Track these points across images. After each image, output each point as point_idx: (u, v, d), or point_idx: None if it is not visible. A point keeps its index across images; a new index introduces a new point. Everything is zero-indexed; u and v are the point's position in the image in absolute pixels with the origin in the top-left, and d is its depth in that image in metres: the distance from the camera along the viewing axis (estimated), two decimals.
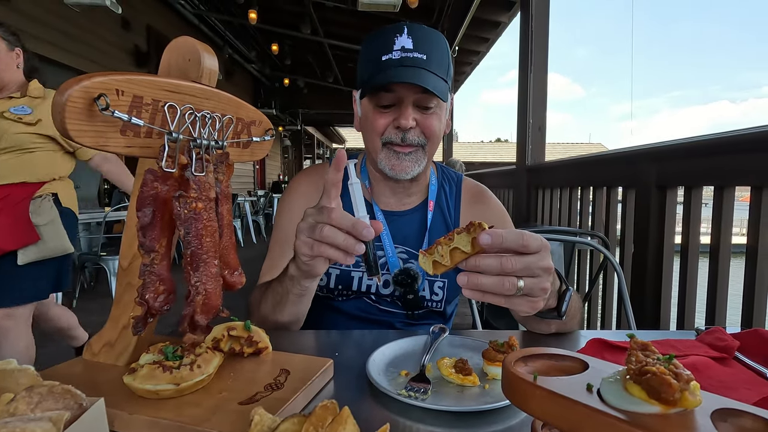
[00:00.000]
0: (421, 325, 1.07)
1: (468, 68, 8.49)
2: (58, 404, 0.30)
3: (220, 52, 9.39)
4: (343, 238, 0.65)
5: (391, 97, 0.92)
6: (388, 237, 1.04)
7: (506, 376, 0.42)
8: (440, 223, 1.09)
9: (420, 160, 0.98)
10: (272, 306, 0.86)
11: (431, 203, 1.09)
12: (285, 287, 0.81)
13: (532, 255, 0.58)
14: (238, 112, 0.67)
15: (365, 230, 0.65)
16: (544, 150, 3.44)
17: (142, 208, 0.53)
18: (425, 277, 1.03)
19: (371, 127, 0.97)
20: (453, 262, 0.58)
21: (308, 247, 0.67)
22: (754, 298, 1.41)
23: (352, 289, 1.03)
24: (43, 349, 3.01)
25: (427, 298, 1.04)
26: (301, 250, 0.69)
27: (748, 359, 0.71)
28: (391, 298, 1.04)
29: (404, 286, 1.00)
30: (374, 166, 1.05)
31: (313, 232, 0.66)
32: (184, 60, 0.59)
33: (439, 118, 0.96)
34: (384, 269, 1.03)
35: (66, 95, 0.44)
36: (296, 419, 0.32)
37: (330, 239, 0.65)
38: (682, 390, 0.33)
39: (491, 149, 29.48)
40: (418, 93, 0.91)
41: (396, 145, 0.95)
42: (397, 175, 0.98)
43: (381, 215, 1.06)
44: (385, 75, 0.88)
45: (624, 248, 2.08)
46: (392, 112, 0.95)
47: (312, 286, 0.81)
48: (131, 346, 0.63)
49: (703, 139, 1.62)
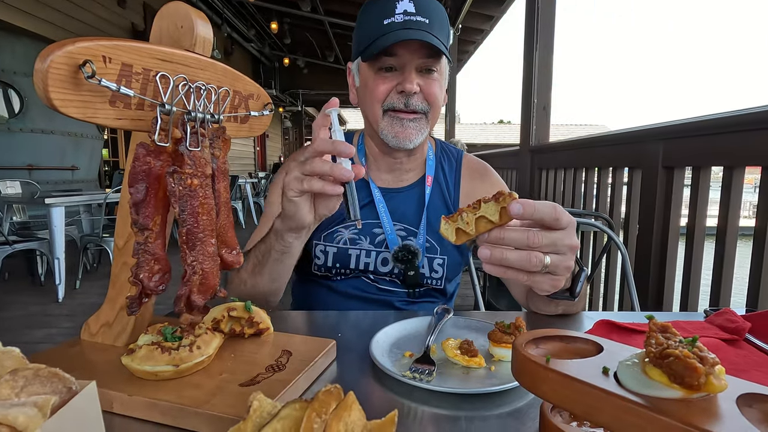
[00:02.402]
0: (421, 304, 1.06)
1: (471, 47, 8.29)
2: (45, 388, 0.29)
3: (218, 31, 9.20)
4: (329, 166, 0.66)
5: (394, 60, 0.92)
6: (386, 214, 1.02)
7: (517, 358, 0.40)
8: (439, 199, 1.07)
9: (423, 128, 0.97)
10: (252, 267, 0.86)
11: (429, 178, 1.08)
12: (269, 244, 0.82)
13: (559, 231, 0.56)
14: (234, 85, 0.64)
15: (344, 147, 0.66)
16: (548, 131, 3.38)
17: (134, 184, 0.51)
18: (425, 254, 1.02)
19: (371, 94, 0.95)
20: (477, 231, 0.55)
21: (298, 181, 0.68)
22: (760, 280, 1.39)
23: (350, 267, 1.02)
24: (35, 334, 3.05)
25: (426, 275, 1.03)
26: (291, 185, 0.69)
27: (759, 341, 0.69)
28: (390, 276, 1.03)
29: (404, 262, 0.99)
30: (374, 138, 1.03)
31: (303, 166, 0.68)
32: (177, 27, 0.55)
33: (440, 85, 0.96)
34: (383, 247, 1.02)
35: (48, 61, 0.41)
36: (298, 405, 0.30)
37: (318, 169, 0.66)
38: (707, 374, 0.31)
39: (494, 131, 29.11)
40: (422, 57, 0.91)
41: (399, 111, 0.94)
42: (400, 144, 0.96)
43: (378, 193, 1.04)
44: (389, 37, 0.87)
45: (628, 230, 2.06)
46: (394, 77, 0.93)
47: (295, 245, 0.80)
48: (129, 327, 0.62)
49: (712, 117, 1.58)
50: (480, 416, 0.50)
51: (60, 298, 3.64)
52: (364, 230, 1.02)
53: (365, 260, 1.02)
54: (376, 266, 1.02)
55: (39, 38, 5.11)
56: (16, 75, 5.10)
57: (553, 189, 3.06)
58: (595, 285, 2.39)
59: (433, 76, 0.94)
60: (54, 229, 3.58)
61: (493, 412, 0.52)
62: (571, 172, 2.79)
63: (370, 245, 1.02)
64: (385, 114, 0.95)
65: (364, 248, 1.02)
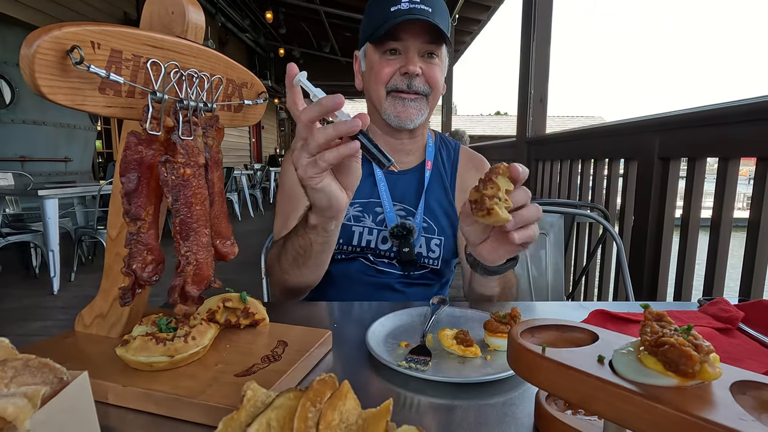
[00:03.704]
0: (418, 287, 1.09)
1: (468, 38, 8.22)
2: (35, 379, 0.28)
3: (212, 20, 9.07)
4: (330, 128, 0.60)
5: (399, 44, 0.99)
6: (386, 193, 1.07)
7: (513, 347, 0.40)
8: (437, 183, 1.13)
9: (423, 109, 1.04)
10: (292, 260, 0.85)
11: (429, 163, 1.13)
12: (307, 239, 0.80)
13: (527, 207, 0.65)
14: (228, 73, 0.63)
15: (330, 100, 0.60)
16: (545, 122, 3.38)
17: (126, 173, 0.50)
18: (422, 233, 1.07)
19: (377, 76, 1.01)
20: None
21: (311, 166, 0.63)
22: (753, 270, 1.40)
23: (353, 244, 1.05)
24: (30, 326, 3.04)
25: (423, 254, 1.07)
26: (307, 174, 0.64)
27: (751, 330, 0.70)
28: (389, 256, 1.06)
29: (400, 238, 1.03)
30: (377, 121, 1.09)
31: (308, 148, 0.62)
32: (167, 13, 0.54)
33: (441, 70, 1.03)
34: (383, 226, 1.06)
35: (34, 46, 0.40)
36: (292, 394, 0.30)
37: (321, 139, 0.60)
38: (702, 362, 0.31)
39: (491, 122, 29.00)
40: (425, 42, 0.98)
41: (402, 92, 1.01)
42: (402, 123, 1.03)
43: (380, 173, 1.09)
44: (396, 20, 0.94)
45: (624, 220, 2.07)
46: (398, 61, 1.00)
47: (335, 229, 0.78)
48: (123, 318, 0.61)
49: (708, 109, 1.58)
50: (475, 405, 0.51)
51: (55, 290, 3.63)
52: (367, 208, 1.06)
53: (367, 237, 1.06)
54: (377, 244, 1.06)
55: (30, 28, 4.99)
56: (7, 65, 5.00)
57: (549, 180, 3.06)
58: (591, 275, 2.40)
59: (435, 60, 1.01)
60: (48, 221, 3.55)
61: (489, 401, 0.52)
62: (567, 164, 2.79)
63: (372, 223, 1.06)
64: (388, 95, 1.02)
65: (367, 226, 1.06)
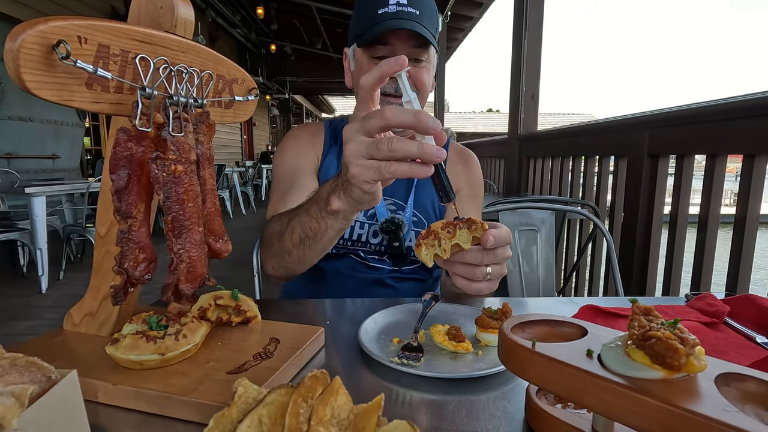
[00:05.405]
0: (409, 282, 1.10)
1: (460, 35, 8.22)
2: (23, 378, 0.28)
3: (202, 16, 8.96)
4: (417, 147, 0.52)
5: (386, 49, 0.97)
6: None
7: (503, 342, 0.41)
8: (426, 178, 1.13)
9: None
10: (299, 241, 0.81)
11: None
12: (323, 224, 0.74)
13: (502, 247, 0.63)
14: (218, 69, 0.62)
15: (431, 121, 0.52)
16: (536, 119, 3.40)
17: (116, 170, 0.49)
18: (411, 227, 1.07)
19: None
20: (449, 254, 0.62)
21: (374, 171, 0.55)
22: (739, 265, 1.43)
23: (344, 238, 1.05)
24: (19, 326, 2.99)
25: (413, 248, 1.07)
26: (363, 177, 0.56)
27: (737, 324, 0.71)
28: (380, 251, 1.07)
29: (389, 233, 1.04)
30: None
31: (377, 150, 0.53)
32: (156, 7, 0.53)
33: (428, 72, 1.03)
34: (374, 220, 1.06)
35: (19, 40, 0.39)
36: (284, 390, 0.30)
37: (401, 152, 0.52)
38: (687, 355, 0.32)
39: (482, 119, 29.09)
40: (412, 47, 0.97)
41: (390, 96, 1.00)
42: None
43: None
44: (383, 26, 0.93)
45: (614, 217, 2.09)
46: None
47: (354, 217, 0.75)
48: (113, 316, 0.61)
49: (697, 106, 1.60)
50: (467, 400, 0.51)
51: (43, 289, 3.58)
52: None
53: (359, 231, 1.06)
54: (368, 238, 1.06)
55: (15, 22, 4.90)
56: None
57: (540, 177, 3.08)
58: (581, 271, 2.43)
59: (422, 63, 1.01)
60: (35, 219, 3.49)
61: (480, 396, 0.52)
62: (558, 161, 2.81)
63: (364, 217, 1.07)
64: None
65: (358, 219, 1.06)
